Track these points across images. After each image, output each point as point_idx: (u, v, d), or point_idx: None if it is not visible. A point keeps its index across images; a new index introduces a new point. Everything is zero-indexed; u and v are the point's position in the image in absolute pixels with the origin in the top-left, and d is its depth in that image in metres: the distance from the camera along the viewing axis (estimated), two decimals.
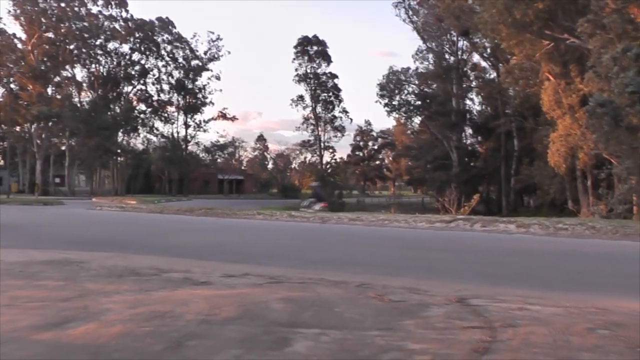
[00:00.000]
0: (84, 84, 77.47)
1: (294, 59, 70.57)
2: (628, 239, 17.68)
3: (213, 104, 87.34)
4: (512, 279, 10.82)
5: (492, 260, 13.34)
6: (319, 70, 71.07)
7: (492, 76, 64.65)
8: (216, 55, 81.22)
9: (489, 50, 62.50)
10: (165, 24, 78.93)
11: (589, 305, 8.07)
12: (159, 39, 78.97)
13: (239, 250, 15.35)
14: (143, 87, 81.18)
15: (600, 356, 5.42)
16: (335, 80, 71.63)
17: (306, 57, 70.69)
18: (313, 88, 71.09)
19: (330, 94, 71.87)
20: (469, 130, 69.77)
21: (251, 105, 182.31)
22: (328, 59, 71.20)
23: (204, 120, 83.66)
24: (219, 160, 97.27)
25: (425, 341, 5.83)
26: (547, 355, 5.41)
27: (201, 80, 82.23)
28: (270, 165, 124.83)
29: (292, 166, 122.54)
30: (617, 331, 6.44)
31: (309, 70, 70.81)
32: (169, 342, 5.64)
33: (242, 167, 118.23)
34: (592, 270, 12.03)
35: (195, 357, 5.28)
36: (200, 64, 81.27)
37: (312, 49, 70.86)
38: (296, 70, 70.62)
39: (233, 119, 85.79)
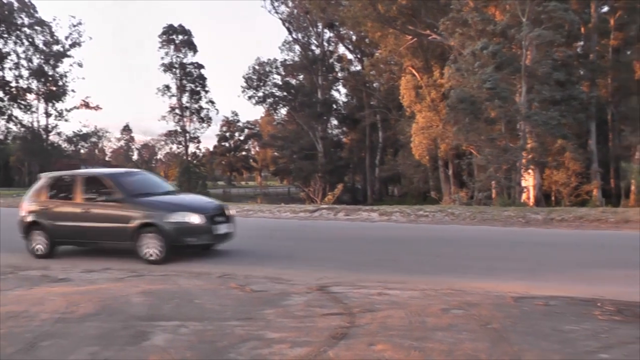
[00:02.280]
0: None
1: (160, 47, 69.19)
2: (485, 224, 18.43)
3: (75, 91, 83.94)
4: (373, 265, 11.05)
5: (354, 248, 13.55)
6: (185, 60, 69.91)
7: (357, 68, 65.60)
8: (78, 41, 78.05)
9: (354, 42, 63.49)
10: (27, 7, 74.98)
11: (446, 287, 8.37)
12: (19, 22, 74.95)
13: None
14: (0, 73, 76.93)
15: (453, 334, 5.62)
16: (202, 71, 70.71)
17: (172, 46, 69.34)
18: (179, 77, 69.87)
19: (197, 84, 70.82)
20: (334, 121, 70.50)
21: (117, 95, 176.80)
22: (194, 49, 70.17)
23: (66, 109, 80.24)
24: (82, 151, 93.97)
25: (285, 330, 5.91)
26: (403, 337, 5.56)
27: (62, 67, 78.81)
28: (135, 156, 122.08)
29: (158, 157, 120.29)
30: (471, 310, 6.71)
31: (174, 60, 69.53)
32: (22, 343, 5.45)
33: (107, 158, 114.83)
34: (451, 254, 12.42)
35: (49, 357, 5.11)
36: (61, 49, 77.88)
37: (177, 37, 69.59)
38: (162, 58, 69.25)
39: (97, 108, 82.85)
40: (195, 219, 12.03)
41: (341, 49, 68.45)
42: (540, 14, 31.04)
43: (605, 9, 42.80)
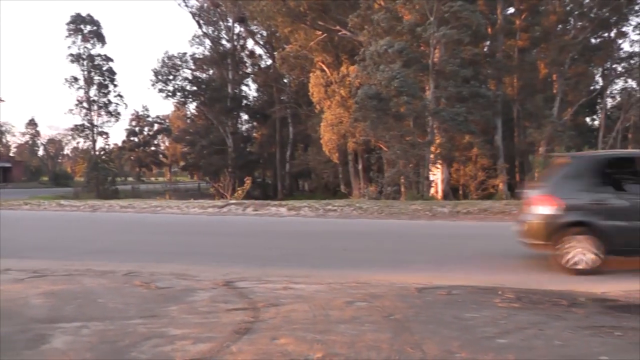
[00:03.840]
0: None
1: (67, 36, 67.19)
2: (393, 218, 18.77)
3: None
4: (280, 259, 11.04)
5: (262, 243, 13.53)
6: (93, 51, 68.15)
7: (268, 63, 65.46)
8: None
9: (264, 37, 63.32)
10: None
11: (351, 280, 8.45)
12: None
13: (1, 245, 14.27)
14: None
15: (356, 327, 5.70)
16: (111, 63, 69.09)
17: (80, 37, 67.48)
18: (87, 69, 68.09)
19: (105, 76, 69.22)
20: (245, 116, 70.15)
21: (22, 87, 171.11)
22: (102, 40, 68.53)
23: None
24: None
25: (188, 326, 5.88)
26: (306, 330, 5.60)
27: None
28: (41, 152, 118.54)
29: (65, 152, 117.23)
30: (374, 302, 6.83)
31: (82, 51, 67.66)
32: None
33: (10, 154, 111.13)
34: (358, 247, 12.55)
35: None
36: None
37: (86, 28, 67.76)
38: (69, 48, 67.25)
39: None
40: None
41: (252, 44, 68.19)
42: (447, 13, 31.56)
43: (511, 10, 44.17)
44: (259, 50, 67.45)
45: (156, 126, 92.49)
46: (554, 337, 5.54)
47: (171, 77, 63.85)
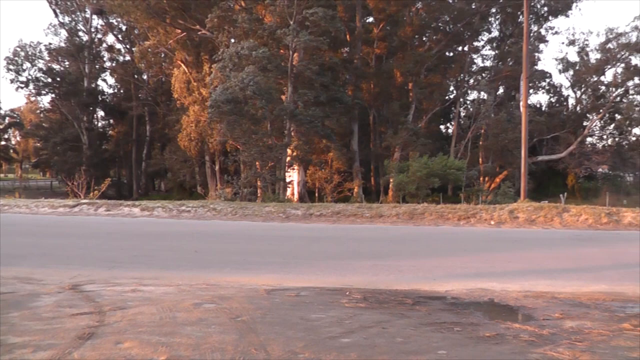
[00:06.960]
0: None
1: None
2: (246, 219, 18.94)
3: None
4: (130, 261, 10.85)
5: (112, 244, 13.26)
6: None
7: (127, 59, 63.83)
8: None
9: (124, 32, 61.84)
10: None
11: (201, 282, 8.49)
12: None
13: None
14: None
15: (202, 328, 5.76)
16: None
17: None
18: None
19: None
20: (101, 112, 68.15)
21: None
22: None
23: None
24: None
25: (29, 333, 5.73)
26: (151, 333, 5.60)
27: None
28: None
29: None
30: (223, 304, 6.91)
31: None
32: None
33: None
34: (209, 249, 12.56)
35: None
36: None
37: None
38: None
39: None
40: None
41: (110, 38, 66.28)
42: (307, 21, 31.92)
43: (371, 19, 45.43)
44: (118, 45, 65.70)
45: (7, 119, 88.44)
46: (396, 335, 5.78)
47: (24, 67, 61.04)
